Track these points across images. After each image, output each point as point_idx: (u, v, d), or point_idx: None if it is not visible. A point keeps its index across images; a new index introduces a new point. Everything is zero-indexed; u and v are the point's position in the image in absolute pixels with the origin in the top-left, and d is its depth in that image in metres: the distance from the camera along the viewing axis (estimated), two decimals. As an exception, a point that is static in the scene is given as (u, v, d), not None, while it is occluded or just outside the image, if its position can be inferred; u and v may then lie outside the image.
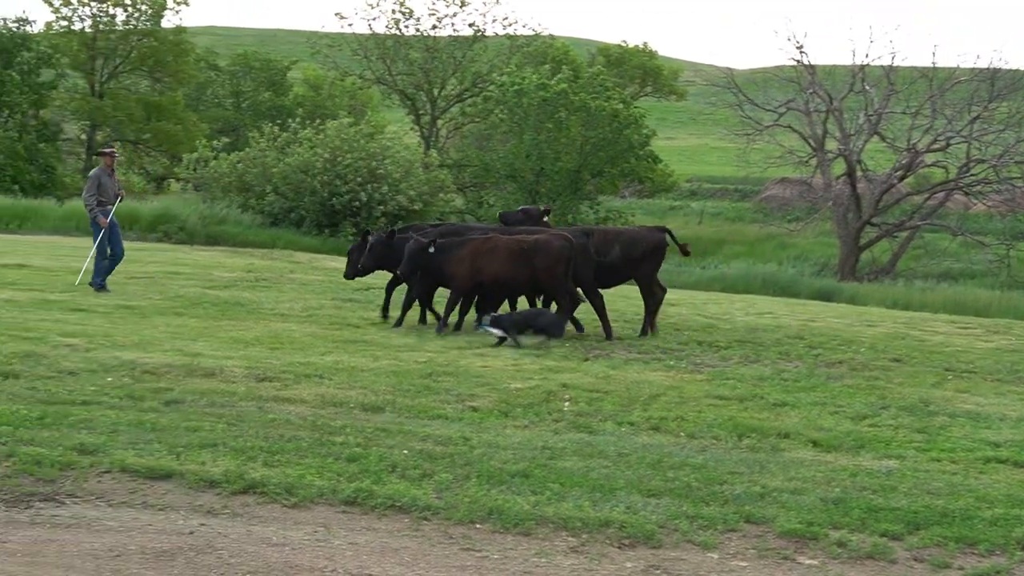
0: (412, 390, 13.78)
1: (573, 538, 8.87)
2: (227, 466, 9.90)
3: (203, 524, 8.82)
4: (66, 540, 8.36)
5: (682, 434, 12.36)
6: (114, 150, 24.58)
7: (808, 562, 8.67)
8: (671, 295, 25.24)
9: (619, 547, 8.75)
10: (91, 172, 23.43)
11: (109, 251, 22.75)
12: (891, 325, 23.41)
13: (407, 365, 15.50)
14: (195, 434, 10.87)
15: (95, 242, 22.73)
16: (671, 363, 17.09)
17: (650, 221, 61.82)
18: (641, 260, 19.96)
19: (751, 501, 9.75)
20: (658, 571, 8.34)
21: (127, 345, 15.78)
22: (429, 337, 18.53)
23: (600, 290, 19.68)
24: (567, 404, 13.50)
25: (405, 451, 10.73)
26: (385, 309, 20.37)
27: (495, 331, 18.12)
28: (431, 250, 18.97)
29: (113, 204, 23.19)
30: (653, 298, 20.10)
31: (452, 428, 11.98)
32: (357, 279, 21.37)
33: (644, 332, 19.76)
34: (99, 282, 22.22)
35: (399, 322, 19.70)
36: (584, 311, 19.71)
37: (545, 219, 22.04)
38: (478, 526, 9.01)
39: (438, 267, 19.23)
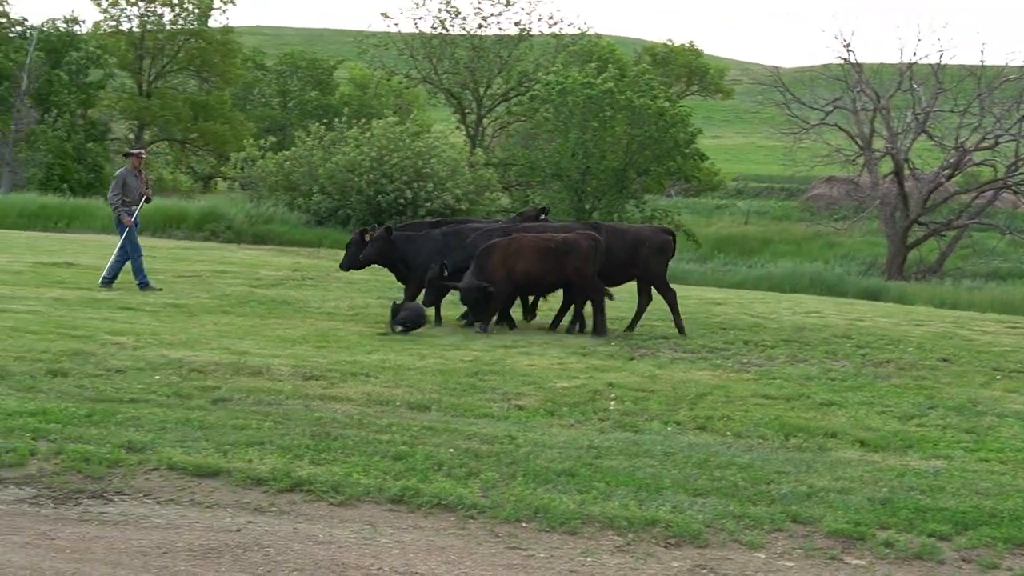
0: (458, 389, 13.77)
1: (619, 537, 8.83)
2: (274, 464, 9.91)
3: (250, 522, 8.84)
4: (114, 537, 8.38)
5: (728, 433, 12.30)
6: (143, 151, 24.65)
7: (855, 562, 8.60)
8: (717, 294, 25.19)
9: (665, 546, 8.71)
10: (118, 172, 23.50)
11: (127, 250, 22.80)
12: (939, 324, 23.27)
13: (453, 364, 15.49)
14: (242, 432, 10.89)
15: (120, 241, 22.82)
16: (717, 362, 17.03)
17: (697, 220, 61.80)
18: (648, 259, 19.95)
19: (798, 501, 9.69)
20: (704, 570, 8.30)
21: (175, 343, 15.84)
22: (475, 336, 18.52)
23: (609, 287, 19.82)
24: (613, 403, 13.45)
25: (451, 449, 10.72)
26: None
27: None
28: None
29: (138, 204, 23.31)
30: (649, 299, 20.23)
31: (498, 427, 11.96)
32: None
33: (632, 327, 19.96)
34: (143, 280, 22.31)
35: (436, 321, 19.89)
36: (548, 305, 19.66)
37: (543, 217, 22.16)
38: (524, 524, 8.99)
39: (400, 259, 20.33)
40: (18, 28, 63.22)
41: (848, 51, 52.68)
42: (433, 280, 19.49)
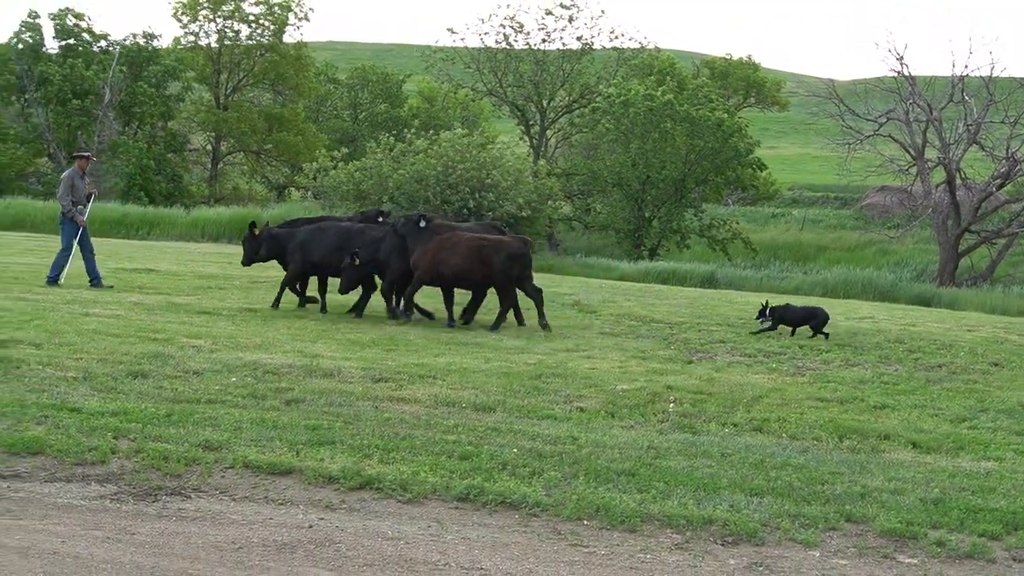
0: (522, 391, 13.78)
1: (677, 535, 8.82)
2: (344, 463, 9.94)
3: (322, 518, 8.87)
4: (191, 532, 8.44)
5: (784, 435, 12.26)
6: (90, 153, 24.61)
7: (908, 561, 8.55)
8: (777, 300, 24.96)
9: (722, 544, 8.69)
10: (64, 174, 23.45)
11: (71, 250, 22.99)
12: (990, 330, 23.06)
13: (517, 367, 15.50)
14: (314, 432, 10.94)
15: (63, 241, 23.03)
16: (773, 366, 16.97)
17: (753, 228, 61.53)
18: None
19: (851, 500, 9.64)
20: (761, 568, 8.27)
21: (250, 346, 15.93)
22: (538, 340, 18.53)
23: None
24: (672, 405, 13.43)
25: (515, 449, 10.73)
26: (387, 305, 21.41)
27: None
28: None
29: (86, 205, 23.59)
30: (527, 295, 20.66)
31: (561, 428, 11.96)
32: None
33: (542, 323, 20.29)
34: (53, 276, 22.56)
35: (391, 314, 20.90)
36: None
37: (380, 219, 22.62)
38: (585, 522, 8.99)
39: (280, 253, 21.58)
40: (101, 43, 63.79)
41: (901, 64, 52.25)
42: (347, 268, 20.47)
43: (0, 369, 13.21)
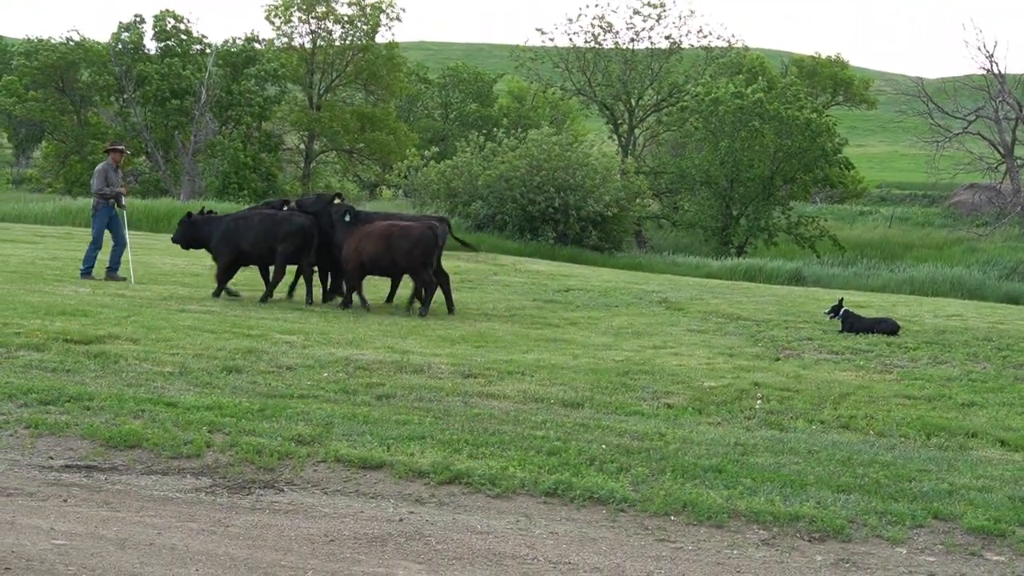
0: (610, 387, 13.75)
1: (764, 531, 8.76)
2: (434, 457, 9.96)
3: (412, 512, 8.89)
4: (284, 525, 8.48)
5: (871, 432, 12.15)
6: (123, 147, 24.64)
7: (995, 558, 8.43)
8: (861, 297, 24.77)
9: (809, 540, 8.62)
10: (98, 166, 23.35)
11: (101, 242, 23.23)
12: (1081, 328, 22.69)
13: (605, 363, 15.47)
14: (404, 427, 10.96)
15: (94, 231, 23.25)
16: (861, 363, 16.81)
17: (840, 226, 61.04)
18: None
19: (939, 498, 9.53)
20: (847, 564, 8.19)
21: (341, 342, 16.01)
22: (625, 336, 18.49)
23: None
24: (759, 402, 13.35)
25: (603, 445, 10.70)
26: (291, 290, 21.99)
27: None
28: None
29: (121, 204, 23.59)
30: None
31: (648, 424, 11.92)
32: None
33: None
34: (85, 269, 22.82)
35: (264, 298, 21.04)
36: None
37: (285, 207, 22.38)
38: (672, 518, 8.94)
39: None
40: (198, 46, 64.47)
41: (991, 62, 51.70)
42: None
43: (99, 364, 13.37)
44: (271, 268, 21.25)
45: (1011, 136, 50.87)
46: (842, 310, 20.38)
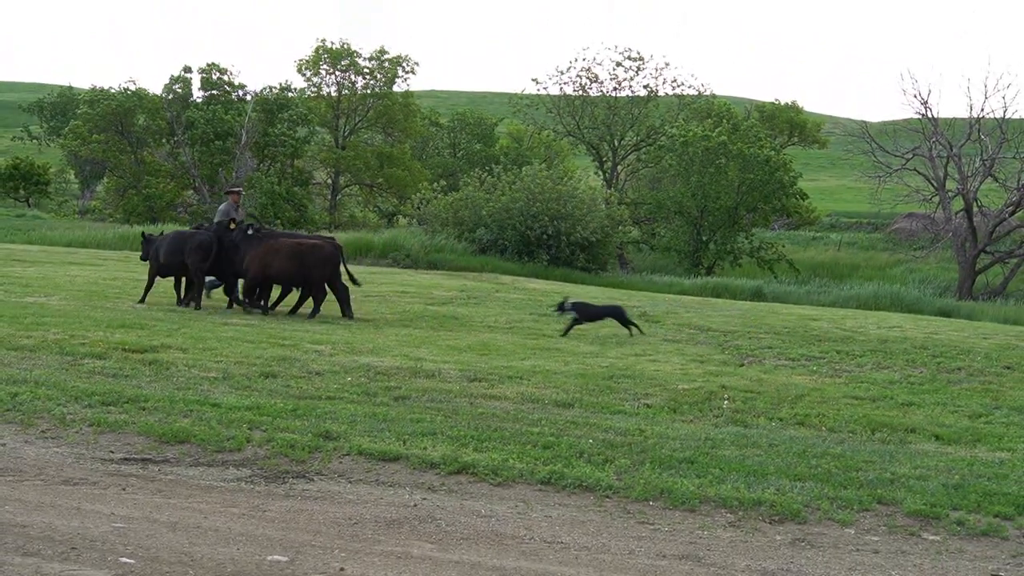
0: (596, 390, 13.74)
1: (731, 514, 8.76)
2: (444, 451, 9.95)
3: (424, 498, 8.89)
4: (314, 510, 8.48)
5: (823, 428, 12.14)
6: (239, 189, 24.72)
7: (931, 538, 8.44)
8: (813, 311, 24.75)
9: (770, 522, 8.62)
10: (221, 207, 23.48)
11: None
12: (1003, 338, 22.62)
13: (592, 369, 15.46)
14: (418, 424, 10.96)
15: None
16: (814, 368, 16.80)
17: (795, 249, 61.06)
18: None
19: (882, 485, 9.52)
20: (803, 543, 8.19)
21: (364, 351, 16.00)
22: (610, 345, 18.47)
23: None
24: (726, 403, 13.33)
25: (591, 440, 10.69)
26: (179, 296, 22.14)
27: None
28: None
29: None
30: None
31: (630, 421, 11.91)
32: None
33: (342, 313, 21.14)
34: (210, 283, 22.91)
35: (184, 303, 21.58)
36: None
37: (201, 227, 23.15)
38: (651, 503, 8.95)
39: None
40: (239, 92, 64.59)
41: (926, 108, 51.74)
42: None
43: (153, 370, 13.38)
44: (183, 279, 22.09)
45: (943, 172, 50.87)
46: (569, 302, 20.41)
